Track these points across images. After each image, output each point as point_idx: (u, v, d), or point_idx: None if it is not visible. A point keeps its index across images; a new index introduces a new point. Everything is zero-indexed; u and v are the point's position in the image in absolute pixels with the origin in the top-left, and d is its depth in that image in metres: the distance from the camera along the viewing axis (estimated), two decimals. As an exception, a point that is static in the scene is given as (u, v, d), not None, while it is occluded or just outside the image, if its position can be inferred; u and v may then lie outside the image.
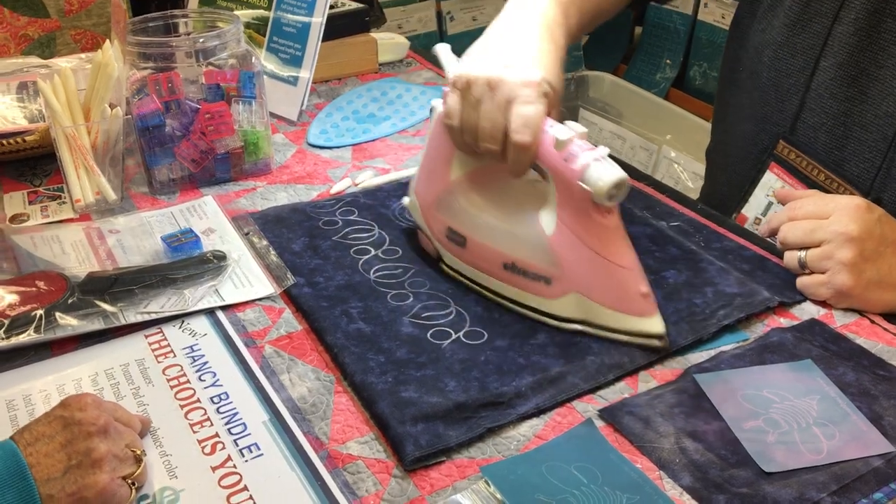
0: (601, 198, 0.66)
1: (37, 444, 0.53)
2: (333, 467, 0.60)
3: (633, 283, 0.69)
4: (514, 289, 0.75)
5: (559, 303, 0.72)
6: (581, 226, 0.69)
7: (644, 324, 0.70)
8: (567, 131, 0.68)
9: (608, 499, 0.57)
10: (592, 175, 0.66)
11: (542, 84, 0.69)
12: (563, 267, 0.71)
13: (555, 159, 0.68)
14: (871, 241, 0.75)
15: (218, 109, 0.95)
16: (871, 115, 0.86)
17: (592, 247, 0.69)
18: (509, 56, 0.72)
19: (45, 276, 0.78)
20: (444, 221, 0.79)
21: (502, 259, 0.75)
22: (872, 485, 0.58)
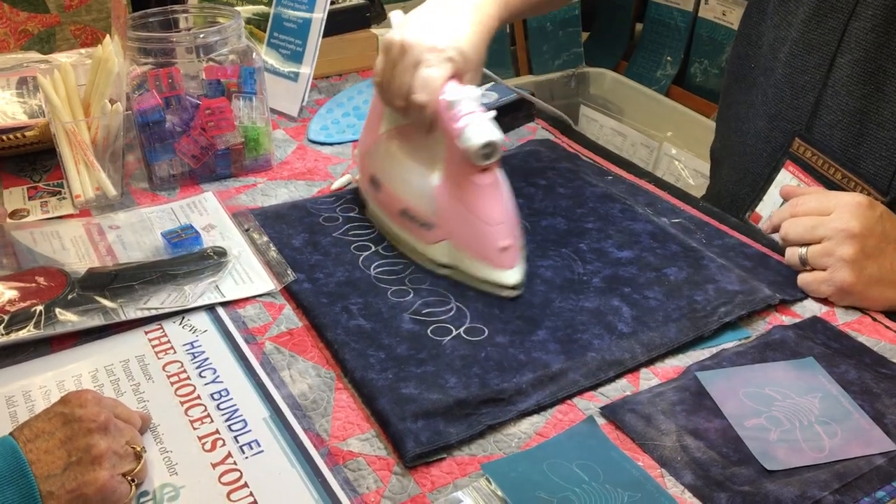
0: (473, 156, 0.73)
1: (37, 441, 0.53)
2: (334, 464, 0.60)
3: (494, 238, 0.75)
4: (406, 232, 0.83)
5: (436, 248, 0.80)
6: (458, 181, 0.76)
7: (499, 275, 0.76)
8: (458, 93, 0.74)
9: (609, 497, 0.57)
10: (467, 134, 0.72)
11: (446, 50, 0.76)
12: (440, 216, 0.79)
13: (445, 118, 0.75)
14: (873, 238, 0.74)
15: (218, 105, 0.95)
16: (887, 112, 0.85)
17: (463, 202, 0.76)
18: (429, 23, 0.79)
19: (44, 272, 0.78)
20: (369, 170, 0.88)
21: (400, 205, 0.83)
22: (875, 483, 0.58)
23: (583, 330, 0.73)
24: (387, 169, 0.86)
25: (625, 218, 0.90)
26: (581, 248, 0.85)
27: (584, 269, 0.81)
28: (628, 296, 0.77)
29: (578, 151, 1.06)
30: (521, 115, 1.13)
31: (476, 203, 0.76)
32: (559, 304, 0.76)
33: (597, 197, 0.94)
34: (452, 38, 0.78)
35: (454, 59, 0.77)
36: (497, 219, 0.76)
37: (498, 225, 0.76)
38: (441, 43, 0.77)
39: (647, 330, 0.73)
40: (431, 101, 0.76)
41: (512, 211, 0.78)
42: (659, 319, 0.74)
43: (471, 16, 0.81)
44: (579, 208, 0.92)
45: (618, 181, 0.98)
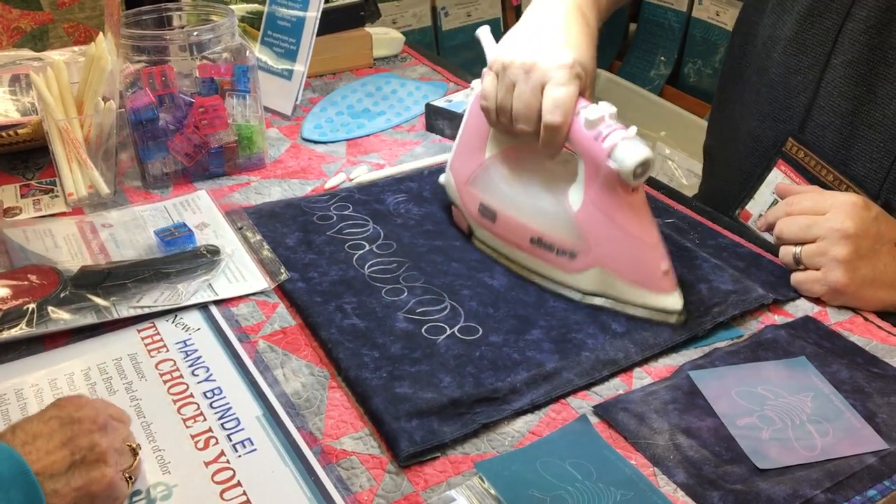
0: (628, 176, 0.68)
1: (35, 443, 0.53)
2: (327, 463, 0.60)
3: (655, 259, 0.72)
4: (540, 262, 0.78)
5: (582, 276, 0.75)
6: (608, 203, 0.72)
7: (662, 300, 0.72)
8: (598, 111, 0.70)
9: (602, 495, 0.57)
10: (619, 154, 0.68)
11: (573, 66, 0.72)
12: (587, 242, 0.74)
13: (585, 138, 0.71)
14: (867, 238, 0.75)
15: (212, 103, 0.95)
16: (879, 114, 0.85)
17: (618, 223, 0.71)
18: (542, 39, 0.75)
19: (37, 270, 0.77)
20: (477, 197, 0.82)
21: (530, 234, 0.78)
22: (866, 482, 0.58)
23: (577, 329, 0.73)
24: (505, 196, 0.80)
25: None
26: (575, 248, 0.85)
27: (578, 268, 0.81)
28: (622, 295, 0.77)
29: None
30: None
31: (633, 224, 0.72)
32: (553, 304, 0.76)
33: (590, 196, 0.94)
34: (574, 52, 0.74)
35: (580, 74, 0.73)
36: (655, 239, 0.72)
37: (657, 246, 0.72)
38: (567, 59, 0.72)
39: (641, 329, 0.73)
40: (567, 122, 0.71)
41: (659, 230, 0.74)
42: (652, 319, 0.74)
43: (580, 26, 0.78)
44: (573, 208, 0.92)
45: (611, 181, 0.98)
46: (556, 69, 0.72)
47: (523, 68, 0.73)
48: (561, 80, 0.71)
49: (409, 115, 1.16)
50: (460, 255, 0.84)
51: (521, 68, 0.73)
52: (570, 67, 0.72)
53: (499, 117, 0.77)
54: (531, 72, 0.73)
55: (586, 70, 0.74)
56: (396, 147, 1.08)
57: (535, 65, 0.72)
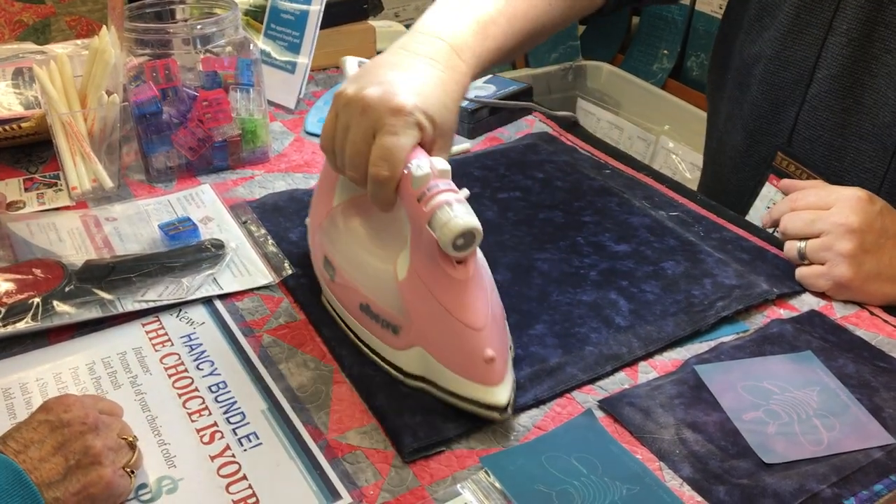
0: (446, 246, 0.58)
1: (28, 451, 0.53)
2: (333, 457, 0.60)
3: (478, 345, 0.61)
4: (368, 332, 0.68)
5: (404, 355, 0.65)
6: (430, 274, 0.62)
7: (484, 393, 0.61)
8: (424, 167, 0.60)
9: (608, 489, 0.57)
10: (440, 219, 0.58)
11: (413, 113, 0.62)
12: (410, 317, 0.64)
13: (409, 198, 0.61)
14: (872, 233, 0.75)
15: (215, 97, 0.94)
16: (868, 125, 0.85)
17: (439, 299, 0.61)
18: (389, 79, 0.65)
19: (42, 264, 0.77)
20: (322, 248, 0.73)
21: (359, 298, 0.68)
22: (873, 476, 0.58)
23: (580, 324, 0.73)
24: (342, 251, 0.71)
25: (622, 211, 0.90)
26: (578, 242, 0.84)
27: (582, 262, 0.81)
28: (626, 289, 0.77)
29: (576, 145, 1.06)
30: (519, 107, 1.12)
31: (452, 303, 0.61)
32: (556, 298, 0.76)
33: (594, 190, 0.94)
34: (420, 98, 0.63)
35: (422, 124, 0.63)
36: (479, 323, 0.61)
37: (480, 330, 0.61)
38: (407, 104, 0.62)
39: (645, 324, 0.73)
40: (394, 177, 0.61)
41: (497, 311, 0.64)
42: (656, 313, 0.74)
43: (441, 72, 0.68)
44: (577, 201, 0.92)
45: (616, 175, 0.98)
46: (391, 114, 0.62)
47: (359, 109, 0.63)
48: (393, 128, 0.62)
49: (413, 108, 1.16)
50: (464, 249, 0.83)
51: (357, 107, 0.63)
52: (408, 114, 0.62)
53: (336, 160, 0.67)
54: (365, 114, 0.63)
55: (433, 120, 0.64)
56: (400, 141, 1.08)
57: (370, 106, 0.62)
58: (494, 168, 0.99)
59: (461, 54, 0.71)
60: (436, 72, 0.68)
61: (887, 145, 0.84)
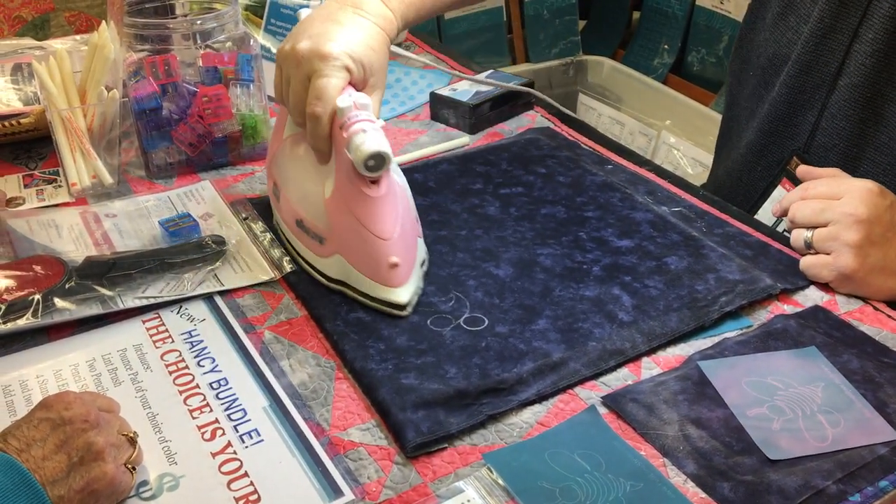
0: (359, 166, 0.69)
1: (31, 450, 0.53)
2: (335, 454, 0.60)
3: (384, 253, 0.71)
4: (300, 244, 0.79)
5: (327, 262, 0.76)
6: (349, 192, 0.72)
7: (389, 293, 0.72)
8: (347, 100, 0.71)
9: (611, 486, 0.57)
10: (354, 143, 0.69)
11: (339, 58, 0.72)
12: (332, 229, 0.75)
13: (335, 126, 0.72)
14: (880, 225, 0.74)
15: (215, 93, 0.94)
16: (885, 137, 0.85)
17: (354, 214, 0.72)
18: (320, 30, 0.75)
19: (42, 261, 0.77)
20: (273, 176, 0.84)
21: (295, 215, 0.79)
22: (878, 472, 0.58)
23: (583, 319, 0.73)
24: (285, 176, 0.82)
25: (625, 206, 0.89)
26: (581, 237, 0.84)
27: (584, 257, 0.81)
28: (629, 284, 0.77)
29: (578, 140, 1.05)
30: (520, 102, 1.12)
31: (365, 216, 0.71)
32: (559, 293, 0.76)
33: (597, 185, 0.93)
34: (346, 44, 0.74)
35: (350, 67, 0.73)
36: (386, 233, 0.71)
37: (387, 240, 0.71)
38: (334, 50, 0.73)
39: (648, 319, 0.72)
40: (326, 112, 0.72)
41: (408, 226, 0.74)
42: (660, 308, 0.74)
43: (365, 18, 0.77)
44: (579, 197, 0.91)
45: (618, 170, 0.98)
46: (320, 60, 0.72)
47: (294, 60, 0.74)
48: (324, 71, 0.72)
49: (414, 104, 1.16)
50: (465, 245, 0.83)
51: (293, 60, 0.74)
52: (334, 58, 0.72)
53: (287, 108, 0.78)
54: (299, 65, 0.73)
55: (360, 62, 0.74)
56: (401, 136, 1.07)
57: (303, 56, 0.73)
58: (496, 163, 0.98)
59: (388, 2, 0.80)
60: (361, 19, 0.77)
61: None
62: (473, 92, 1.08)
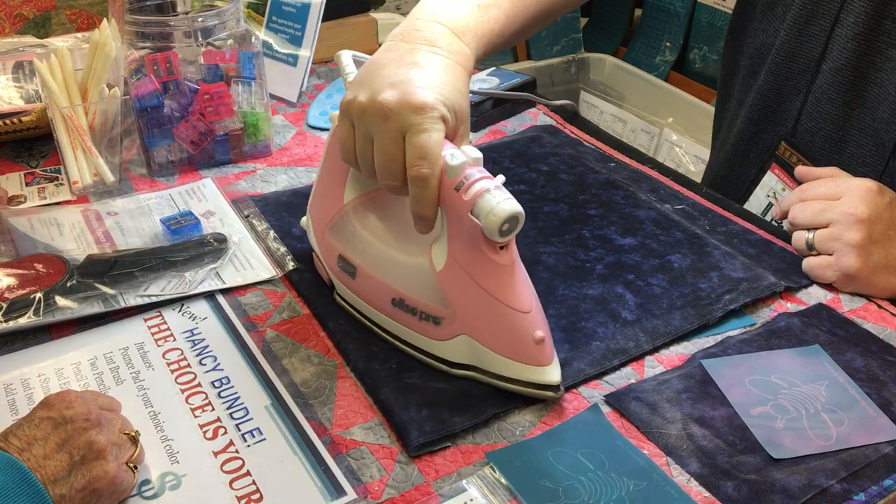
0: (492, 232, 0.59)
1: (32, 449, 0.52)
2: (337, 453, 0.60)
3: (527, 327, 0.62)
4: (404, 327, 0.68)
5: (448, 345, 0.65)
6: (472, 262, 0.62)
7: (538, 373, 0.63)
8: (460, 156, 0.61)
9: (615, 485, 0.57)
10: (484, 206, 0.59)
11: (436, 108, 0.62)
12: (452, 307, 0.64)
13: (446, 187, 0.61)
14: (881, 224, 0.74)
15: (217, 90, 0.94)
16: (869, 118, 0.85)
17: (484, 286, 0.62)
18: (399, 77, 0.63)
19: (43, 259, 0.77)
20: (336, 248, 0.72)
21: (391, 294, 0.68)
22: (882, 471, 0.58)
23: (586, 318, 0.72)
24: (364, 249, 0.70)
25: (628, 204, 0.89)
26: (584, 235, 0.84)
27: (587, 255, 0.81)
28: (632, 283, 0.77)
29: (581, 137, 1.05)
30: (522, 100, 1.12)
31: (500, 288, 0.62)
32: (562, 292, 0.76)
33: (599, 183, 0.93)
34: (437, 90, 0.63)
35: (445, 116, 0.62)
36: (526, 305, 0.62)
37: (528, 313, 0.62)
38: (429, 99, 0.61)
39: (651, 317, 0.72)
40: (435, 173, 0.60)
41: (535, 294, 0.65)
42: (663, 307, 0.74)
43: (445, 57, 0.67)
44: (582, 194, 0.91)
45: (621, 167, 0.97)
46: (415, 113, 0.61)
47: (380, 115, 0.61)
48: (424, 125, 0.61)
49: (416, 101, 1.15)
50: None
51: (378, 115, 0.62)
52: (430, 110, 0.61)
53: (362, 170, 0.66)
54: (388, 120, 0.61)
55: (453, 109, 0.63)
56: (403, 134, 1.07)
57: (392, 112, 0.61)
58: (499, 161, 0.98)
59: (462, 37, 0.70)
60: (440, 59, 0.66)
61: (885, 141, 0.84)
62: (475, 89, 1.08)
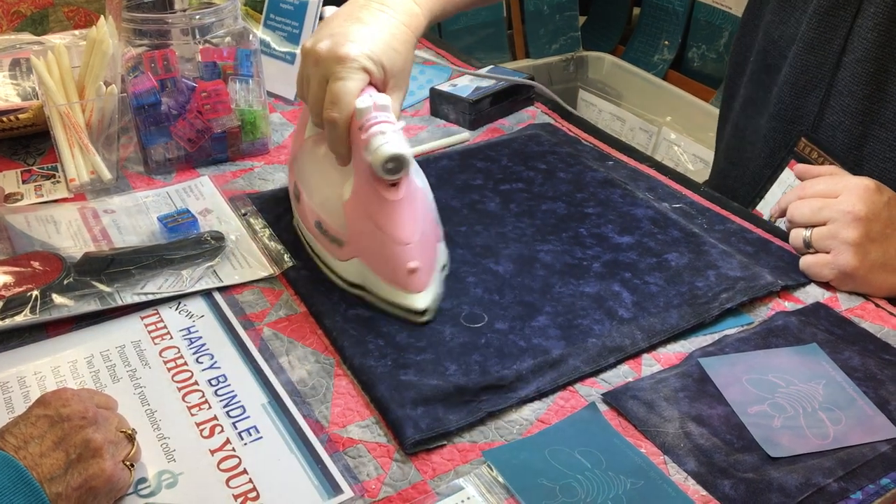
0: (378, 169, 0.67)
1: (28, 447, 0.52)
2: (334, 451, 0.60)
3: (403, 258, 0.70)
4: (320, 247, 0.78)
5: (345, 265, 0.74)
6: (368, 196, 0.70)
7: (408, 299, 0.70)
8: (366, 101, 0.68)
9: (612, 484, 0.57)
10: (372, 145, 0.67)
11: (357, 59, 0.70)
12: (350, 232, 0.73)
13: (354, 128, 0.69)
14: (878, 222, 0.74)
15: (214, 88, 0.94)
16: (890, 113, 0.84)
17: (373, 218, 0.70)
18: (341, 30, 0.72)
19: (40, 257, 0.77)
20: (293, 177, 0.83)
21: (314, 217, 0.77)
22: (879, 470, 0.57)
23: (583, 315, 0.72)
24: (305, 177, 0.80)
25: (625, 203, 0.89)
26: (581, 233, 0.84)
27: (585, 254, 0.81)
28: (629, 281, 0.77)
29: (579, 136, 1.05)
30: (520, 98, 1.12)
31: (384, 220, 0.70)
32: (559, 290, 0.76)
33: (597, 182, 0.93)
34: (366, 45, 0.71)
35: (368, 68, 0.70)
36: (405, 238, 0.70)
37: (406, 245, 0.69)
38: (352, 52, 0.70)
39: (648, 316, 0.72)
40: (343, 116, 0.69)
41: (428, 230, 0.73)
42: (660, 305, 0.73)
43: (391, 17, 0.75)
44: (579, 193, 0.91)
45: (619, 166, 0.97)
46: (337, 62, 0.70)
47: (313, 60, 0.71)
48: (341, 73, 0.69)
49: (414, 99, 1.15)
50: (465, 241, 0.83)
51: (312, 60, 0.72)
52: (352, 60, 0.69)
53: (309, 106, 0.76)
54: (318, 65, 0.71)
55: (380, 64, 0.71)
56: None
57: (322, 57, 0.71)
58: (497, 159, 0.98)
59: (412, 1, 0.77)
60: (386, 17, 0.74)
61: None
62: (473, 88, 1.08)
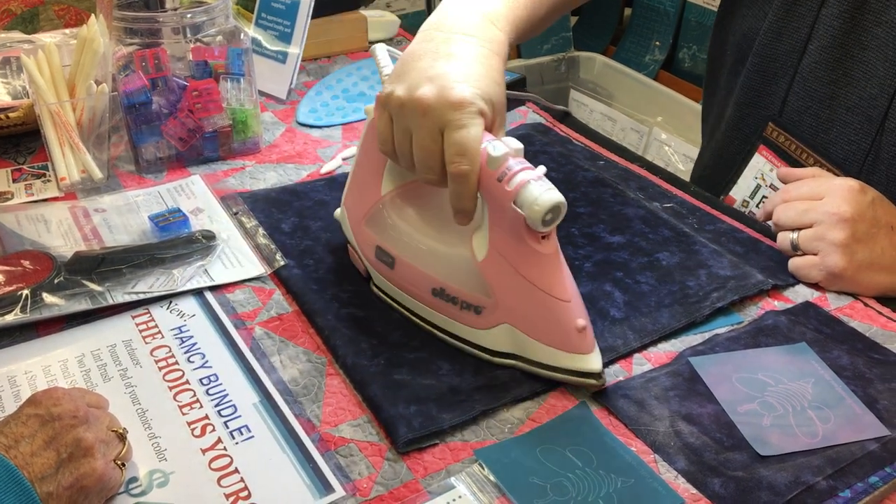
0: (535, 222, 0.60)
1: (19, 446, 0.52)
2: (326, 450, 0.60)
3: (569, 316, 0.63)
4: (444, 317, 0.69)
5: (490, 334, 0.66)
6: (514, 252, 0.63)
7: (580, 361, 0.64)
8: (501, 148, 0.61)
9: (603, 482, 0.57)
10: (527, 197, 0.59)
11: (474, 102, 0.62)
12: (494, 296, 0.65)
13: (488, 178, 0.62)
14: (864, 222, 0.74)
15: (206, 87, 0.93)
16: (855, 97, 0.86)
17: (525, 275, 0.63)
18: (436, 71, 0.64)
19: (30, 256, 0.76)
20: (373, 239, 0.73)
21: (431, 284, 0.68)
22: (868, 468, 0.58)
23: (575, 315, 0.72)
24: (402, 239, 0.71)
25: (616, 202, 0.89)
26: (572, 233, 0.84)
27: (576, 253, 0.81)
28: (620, 281, 0.77)
29: (570, 136, 1.05)
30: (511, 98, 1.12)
31: (542, 277, 0.62)
32: (551, 289, 0.75)
33: (588, 181, 0.93)
34: (474, 83, 0.63)
35: (483, 110, 0.63)
36: (567, 294, 0.63)
37: (569, 301, 0.63)
38: (467, 94, 0.62)
39: (640, 315, 0.72)
40: (474, 169, 0.61)
41: (575, 284, 0.65)
42: (651, 305, 0.74)
43: (480, 46, 0.67)
44: (571, 192, 0.91)
45: (610, 166, 0.98)
46: (453, 110, 0.61)
47: (418, 110, 0.62)
48: (462, 121, 0.61)
49: (405, 99, 1.15)
50: (458, 240, 0.83)
51: (417, 111, 0.62)
52: (468, 106, 0.62)
53: (401, 163, 0.67)
54: (427, 115, 0.62)
55: (491, 102, 0.64)
56: (392, 131, 1.07)
57: (430, 108, 0.62)
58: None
59: (496, 23, 0.70)
60: (475, 48, 0.67)
61: (873, 118, 0.84)
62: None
